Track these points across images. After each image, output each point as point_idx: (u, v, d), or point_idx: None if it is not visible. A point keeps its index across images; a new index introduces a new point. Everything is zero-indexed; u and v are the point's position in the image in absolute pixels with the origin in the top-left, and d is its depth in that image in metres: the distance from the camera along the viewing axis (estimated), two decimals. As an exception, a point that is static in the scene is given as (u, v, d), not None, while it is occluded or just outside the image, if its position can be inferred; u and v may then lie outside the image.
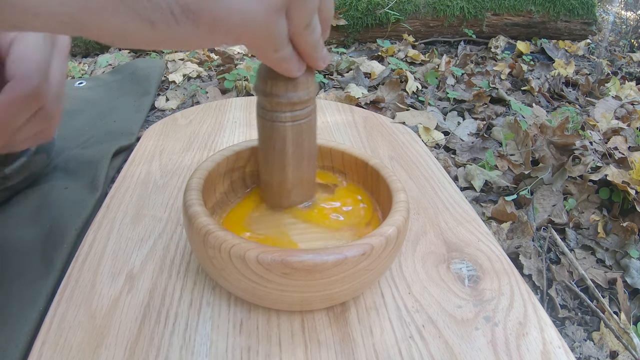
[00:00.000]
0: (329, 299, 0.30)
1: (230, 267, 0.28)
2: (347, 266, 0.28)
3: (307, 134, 0.33)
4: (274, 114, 0.31)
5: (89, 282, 0.34)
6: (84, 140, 0.64)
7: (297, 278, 0.27)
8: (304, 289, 0.28)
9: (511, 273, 0.38)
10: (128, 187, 0.47)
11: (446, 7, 1.39)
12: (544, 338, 0.32)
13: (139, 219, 0.42)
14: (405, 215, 0.32)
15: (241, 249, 0.27)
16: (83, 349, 0.29)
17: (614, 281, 0.52)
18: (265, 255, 0.27)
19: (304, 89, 0.30)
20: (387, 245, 0.29)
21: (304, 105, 0.32)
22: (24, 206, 0.48)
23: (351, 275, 0.29)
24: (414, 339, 0.31)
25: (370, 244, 0.28)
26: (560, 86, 1.13)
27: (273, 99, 0.31)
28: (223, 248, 0.28)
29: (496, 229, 0.56)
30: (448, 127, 0.81)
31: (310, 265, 0.27)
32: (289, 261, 0.27)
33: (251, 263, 0.27)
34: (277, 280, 0.28)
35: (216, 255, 0.28)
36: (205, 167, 0.36)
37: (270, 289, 0.28)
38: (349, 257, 0.28)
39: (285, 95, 0.30)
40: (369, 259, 0.29)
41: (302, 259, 0.27)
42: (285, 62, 0.27)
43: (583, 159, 0.70)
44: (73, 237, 0.43)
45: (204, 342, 0.30)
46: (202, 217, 0.30)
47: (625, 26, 2.33)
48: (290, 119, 0.32)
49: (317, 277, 0.28)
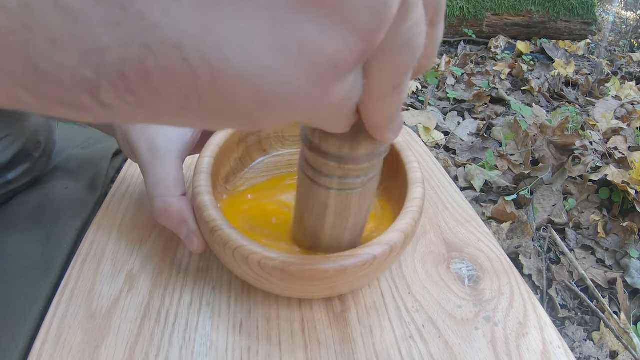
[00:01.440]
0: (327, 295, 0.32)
1: (233, 262, 0.29)
2: (347, 275, 0.28)
3: (357, 204, 0.26)
4: (317, 174, 0.24)
5: (89, 282, 0.34)
6: (84, 140, 0.64)
7: (296, 283, 0.28)
8: (303, 290, 0.29)
9: (511, 273, 0.38)
10: (128, 187, 0.47)
11: (446, 7, 1.39)
12: (544, 338, 0.32)
13: (139, 219, 0.42)
14: (416, 218, 0.30)
15: (245, 252, 0.27)
16: (83, 349, 0.29)
17: (614, 281, 0.52)
18: (267, 261, 0.27)
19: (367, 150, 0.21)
20: (391, 253, 0.28)
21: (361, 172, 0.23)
22: (24, 206, 0.48)
23: (351, 281, 0.29)
24: (414, 339, 0.31)
25: (372, 254, 0.27)
26: (560, 86, 1.13)
27: (319, 157, 0.22)
28: (227, 247, 0.28)
29: (496, 229, 0.56)
30: (448, 127, 0.81)
31: (310, 274, 0.27)
32: (289, 270, 0.27)
33: (253, 266, 0.27)
34: (277, 282, 0.28)
35: (221, 251, 0.29)
36: (217, 143, 0.34)
37: (271, 286, 0.29)
38: (349, 267, 0.27)
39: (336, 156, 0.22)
40: (371, 268, 0.28)
41: (303, 268, 0.27)
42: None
43: (583, 159, 0.70)
44: (73, 237, 0.43)
45: (204, 342, 0.30)
46: (209, 211, 0.29)
47: (625, 26, 2.33)
48: (337, 185, 0.24)
49: (315, 284, 0.28)
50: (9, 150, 0.44)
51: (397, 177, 0.36)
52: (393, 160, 0.36)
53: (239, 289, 0.34)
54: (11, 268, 0.39)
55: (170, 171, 0.32)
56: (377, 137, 0.19)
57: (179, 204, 0.31)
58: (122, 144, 0.37)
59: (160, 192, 0.31)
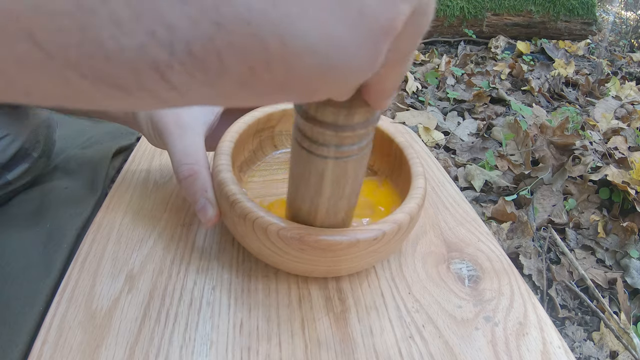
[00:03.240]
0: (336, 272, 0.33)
1: (252, 235, 0.30)
2: (358, 248, 0.30)
3: (353, 171, 0.26)
4: (313, 144, 0.24)
5: (89, 282, 0.34)
6: (84, 140, 0.64)
7: (311, 254, 0.29)
8: (316, 262, 0.31)
9: (511, 273, 0.38)
10: (128, 187, 0.47)
11: (446, 7, 1.39)
12: (544, 338, 0.32)
13: (139, 219, 0.42)
14: (420, 203, 0.33)
15: (264, 222, 0.29)
16: (83, 349, 0.29)
17: (614, 281, 0.52)
18: (285, 231, 0.29)
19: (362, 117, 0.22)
20: (398, 231, 0.31)
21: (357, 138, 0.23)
22: (24, 206, 0.48)
23: (360, 256, 0.30)
24: (414, 339, 0.31)
25: (382, 230, 0.30)
26: (560, 86, 1.13)
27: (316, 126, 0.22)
28: (248, 219, 0.30)
29: (496, 229, 0.56)
30: (448, 127, 0.81)
31: (325, 244, 0.29)
32: (306, 240, 0.29)
33: (272, 236, 0.29)
34: (294, 253, 0.30)
35: (241, 223, 0.30)
36: (237, 130, 0.37)
37: (286, 259, 0.31)
38: (362, 240, 0.29)
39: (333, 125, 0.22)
40: (380, 243, 0.30)
41: (319, 238, 0.29)
42: None
43: (583, 159, 0.70)
44: (73, 237, 0.43)
45: (204, 342, 0.30)
46: (230, 185, 0.31)
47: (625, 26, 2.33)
48: (334, 154, 0.24)
49: (329, 255, 0.30)
50: (8, 150, 0.44)
51: (400, 173, 0.39)
52: (396, 157, 0.39)
53: (239, 289, 0.34)
54: (11, 268, 0.39)
55: (198, 145, 0.34)
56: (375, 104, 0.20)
57: (204, 173, 0.33)
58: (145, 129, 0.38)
59: (189, 160, 0.33)
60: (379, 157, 0.42)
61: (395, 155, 0.40)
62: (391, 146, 0.40)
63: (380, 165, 0.42)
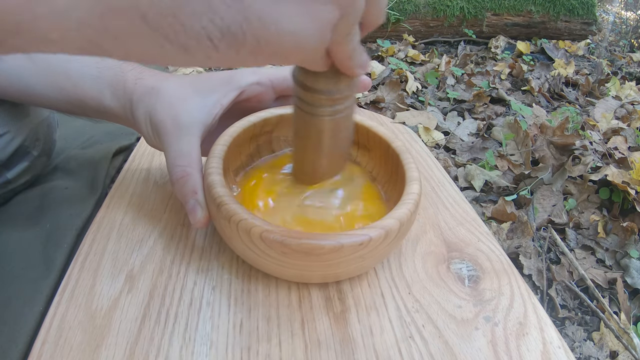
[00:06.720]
0: (323, 278, 0.33)
1: (237, 237, 0.30)
2: (342, 253, 0.29)
3: (344, 125, 0.33)
4: (312, 107, 0.30)
5: (89, 282, 0.34)
6: (84, 140, 0.64)
7: (294, 258, 0.29)
8: (300, 267, 0.30)
9: (511, 273, 0.38)
10: (128, 187, 0.47)
11: (446, 7, 1.39)
12: (544, 338, 0.32)
13: (139, 218, 0.42)
14: (411, 209, 0.32)
15: (248, 225, 0.29)
16: (83, 349, 0.29)
17: (614, 281, 0.52)
18: (267, 234, 0.29)
19: (346, 83, 0.29)
20: (386, 237, 0.30)
21: (344, 99, 0.30)
22: (24, 206, 0.48)
23: (347, 261, 0.30)
24: (414, 339, 0.31)
25: (368, 236, 0.29)
26: (560, 86, 1.13)
27: (313, 94, 0.29)
28: (232, 221, 0.30)
29: (496, 229, 0.56)
30: (448, 127, 0.81)
31: (308, 248, 0.28)
32: (288, 243, 0.28)
33: (255, 238, 0.29)
34: (277, 256, 0.29)
35: (226, 225, 0.31)
36: (231, 134, 0.37)
37: (270, 262, 0.30)
38: (346, 245, 0.29)
39: (325, 91, 0.29)
40: (367, 249, 0.30)
41: (301, 242, 0.28)
42: None
43: (583, 159, 0.70)
44: (73, 237, 0.43)
45: (204, 342, 0.30)
46: (217, 188, 0.32)
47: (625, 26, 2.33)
48: (328, 113, 0.30)
49: (313, 260, 0.29)
50: (8, 147, 0.44)
51: (396, 179, 0.38)
52: (393, 162, 0.39)
53: (239, 289, 0.34)
54: (11, 268, 0.39)
55: (193, 147, 0.35)
56: (348, 72, 0.27)
57: (196, 176, 0.34)
58: (144, 129, 0.38)
59: (183, 162, 0.35)
60: (378, 163, 0.41)
61: (392, 160, 0.39)
62: (388, 151, 0.40)
63: (379, 170, 0.41)
